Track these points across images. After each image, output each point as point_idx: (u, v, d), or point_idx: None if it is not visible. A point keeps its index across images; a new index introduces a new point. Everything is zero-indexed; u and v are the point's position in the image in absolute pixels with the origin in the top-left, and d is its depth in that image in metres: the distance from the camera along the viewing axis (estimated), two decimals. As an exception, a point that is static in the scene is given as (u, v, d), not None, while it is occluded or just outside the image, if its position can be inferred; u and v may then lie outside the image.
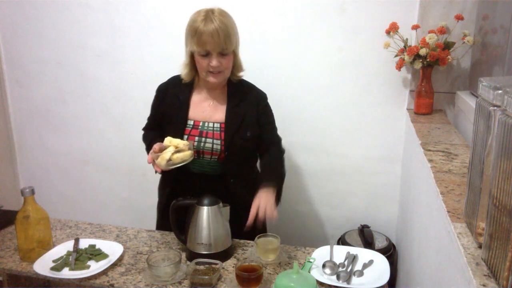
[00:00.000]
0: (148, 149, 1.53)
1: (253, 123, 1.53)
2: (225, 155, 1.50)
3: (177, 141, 1.38)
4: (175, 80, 1.57)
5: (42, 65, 2.35)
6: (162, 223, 1.63)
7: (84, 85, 2.32)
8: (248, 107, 1.53)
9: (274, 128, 1.61)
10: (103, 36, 2.20)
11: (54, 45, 2.29)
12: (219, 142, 1.49)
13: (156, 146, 1.38)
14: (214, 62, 1.39)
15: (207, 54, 1.40)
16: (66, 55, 2.29)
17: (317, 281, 1.21)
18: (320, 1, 1.91)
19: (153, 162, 1.39)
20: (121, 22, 2.16)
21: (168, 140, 1.40)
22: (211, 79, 1.45)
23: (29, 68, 2.38)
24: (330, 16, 1.92)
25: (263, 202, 1.36)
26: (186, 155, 1.37)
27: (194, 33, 1.39)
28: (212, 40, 1.36)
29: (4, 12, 2.32)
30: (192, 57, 1.46)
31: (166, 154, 1.34)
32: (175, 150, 1.36)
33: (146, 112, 2.26)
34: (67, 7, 2.21)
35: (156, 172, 1.40)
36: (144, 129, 1.68)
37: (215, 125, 1.51)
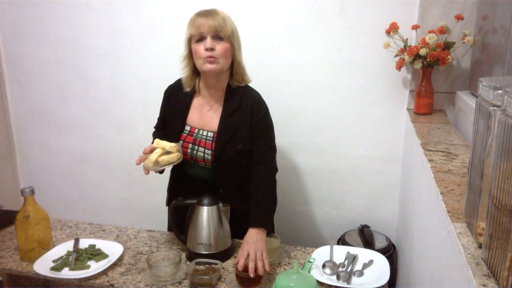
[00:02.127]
0: None
1: (246, 136, 1.47)
2: (214, 166, 1.48)
3: (164, 143, 1.38)
4: (181, 83, 1.56)
5: (42, 65, 2.35)
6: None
7: (84, 85, 2.32)
8: (243, 118, 1.46)
9: (267, 143, 1.51)
10: (103, 36, 2.20)
11: (54, 45, 2.29)
12: (209, 152, 1.47)
13: (147, 148, 1.38)
14: (208, 44, 1.37)
15: (202, 39, 1.39)
16: (66, 55, 2.29)
17: (317, 281, 1.21)
18: (320, 1, 1.91)
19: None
20: (121, 22, 2.16)
21: (156, 142, 1.40)
22: (207, 66, 1.40)
23: (29, 68, 2.38)
24: (330, 16, 1.92)
25: (252, 252, 1.29)
26: (172, 157, 1.36)
27: (190, 21, 1.41)
28: (206, 22, 1.37)
29: (4, 12, 2.32)
30: (190, 50, 1.45)
31: (153, 156, 1.34)
32: (162, 152, 1.35)
33: (146, 112, 2.28)
34: (67, 7, 2.21)
35: (146, 173, 1.40)
36: (155, 127, 1.69)
37: (209, 134, 1.49)
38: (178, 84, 1.58)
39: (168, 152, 1.36)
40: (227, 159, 1.46)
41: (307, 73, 2.01)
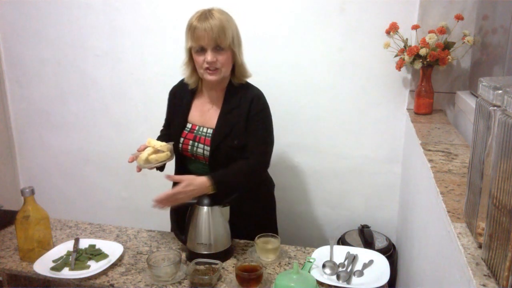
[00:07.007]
0: None
1: (243, 132, 1.46)
2: (209, 162, 1.49)
3: (154, 142, 1.40)
4: (183, 83, 1.57)
5: (42, 65, 2.35)
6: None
7: (84, 85, 2.32)
8: (241, 115, 1.46)
9: (260, 138, 1.48)
10: (103, 36, 2.20)
11: (54, 45, 2.29)
12: (208, 148, 1.48)
13: (142, 146, 1.41)
14: (209, 57, 1.37)
15: (202, 50, 1.39)
16: (66, 55, 2.29)
17: (317, 281, 1.21)
18: (320, 1, 1.91)
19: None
20: (121, 22, 2.16)
21: (148, 141, 1.42)
22: (208, 77, 1.42)
23: (29, 68, 2.38)
24: (330, 16, 1.92)
25: (181, 188, 1.34)
26: (161, 157, 1.39)
27: (189, 28, 1.40)
28: (206, 35, 1.35)
29: (4, 12, 2.32)
30: (191, 56, 1.46)
31: (143, 155, 1.37)
32: (153, 150, 1.38)
33: (146, 112, 2.28)
34: (67, 7, 2.21)
35: (138, 171, 1.42)
36: (162, 127, 1.71)
37: (208, 130, 1.50)
38: (180, 84, 1.61)
39: (159, 151, 1.38)
40: (223, 154, 1.47)
41: (307, 73, 2.01)
